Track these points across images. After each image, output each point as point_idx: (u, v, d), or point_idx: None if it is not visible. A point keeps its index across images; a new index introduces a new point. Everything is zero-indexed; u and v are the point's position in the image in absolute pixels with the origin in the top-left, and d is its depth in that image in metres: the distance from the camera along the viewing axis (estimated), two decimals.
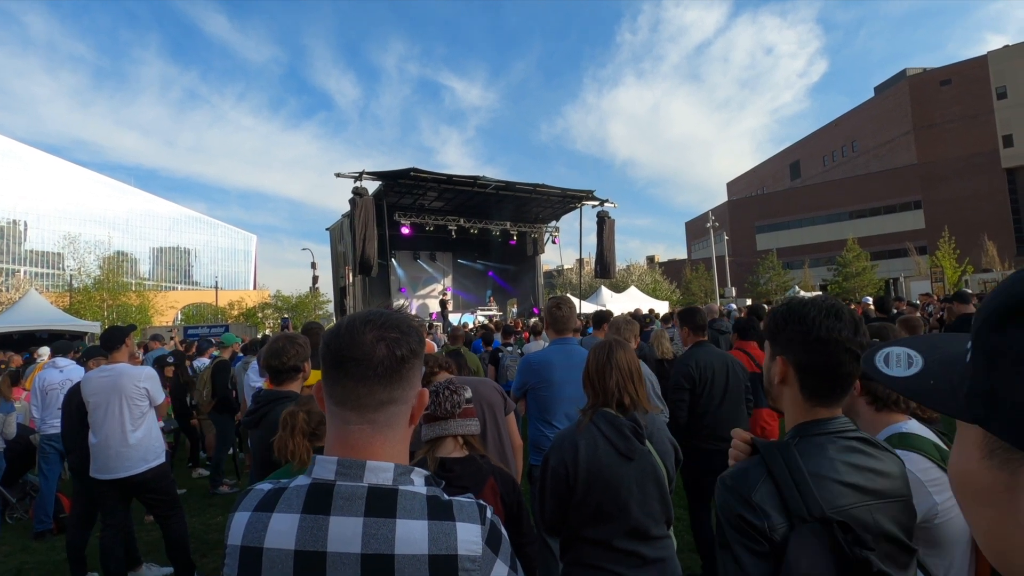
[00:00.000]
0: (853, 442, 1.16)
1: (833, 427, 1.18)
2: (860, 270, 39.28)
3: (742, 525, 1.07)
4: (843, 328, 1.17)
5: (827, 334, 1.17)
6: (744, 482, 1.11)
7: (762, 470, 1.11)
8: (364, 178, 16.73)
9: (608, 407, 2.09)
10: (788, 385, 1.23)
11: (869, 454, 1.16)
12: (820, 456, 1.12)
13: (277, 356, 2.74)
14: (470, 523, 0.91)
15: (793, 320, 1.22)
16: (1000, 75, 46.55)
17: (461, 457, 1.92)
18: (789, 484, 1.07)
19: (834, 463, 1.11)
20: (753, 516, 1.06)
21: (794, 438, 1.18)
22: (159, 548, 4.46)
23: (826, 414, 1.20)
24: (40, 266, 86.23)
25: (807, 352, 1.19)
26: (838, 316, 1.18)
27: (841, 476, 1.10)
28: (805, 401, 1.21)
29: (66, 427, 4.35)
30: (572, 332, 3.68)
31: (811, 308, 1.21)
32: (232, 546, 0.91)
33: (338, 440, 0.94)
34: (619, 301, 23.33)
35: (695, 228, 64.09)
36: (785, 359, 1.23)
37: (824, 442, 1.15)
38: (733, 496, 1.11)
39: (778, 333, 1.25)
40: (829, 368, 1.18)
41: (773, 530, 1.05)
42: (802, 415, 1.21)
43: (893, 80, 55.08)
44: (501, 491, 1.85)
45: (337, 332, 0.97)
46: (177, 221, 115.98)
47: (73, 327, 17.34)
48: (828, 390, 1.19)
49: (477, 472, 1.86)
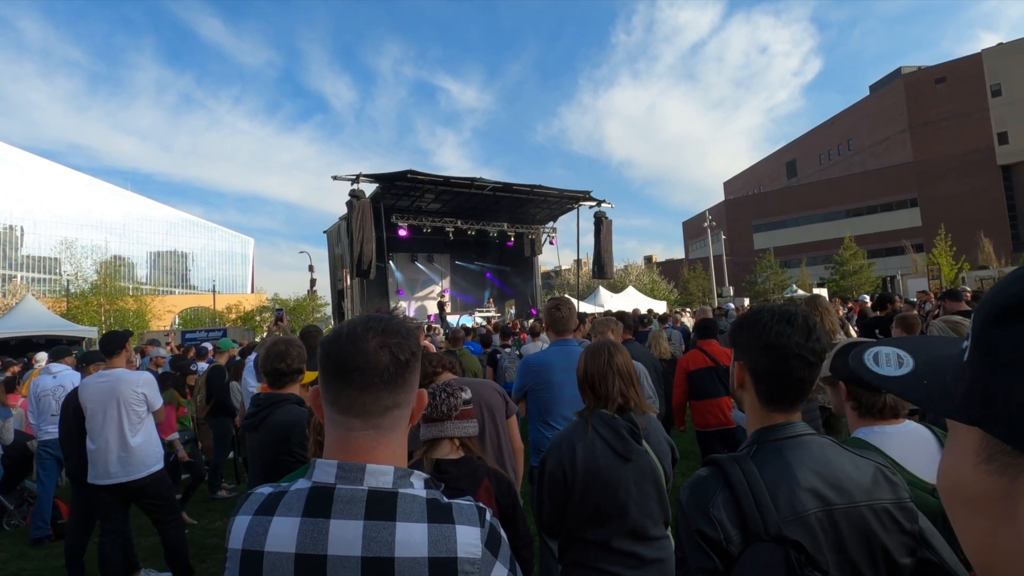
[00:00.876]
0: (812, 446, 1.15)
1: (790, 432, 1.17)
2: (857, 268, 39.41)
3: (697, 540, 1.07)
4: (793, 334, 1.17)
5: (776, 340, 1.17)
6: (703, 494, 1.11)
7: (720, 482, 1.11)
8: (361, 180, 16.70)
9: (607, 410, 2.09)
10: (746, 390, 1.24)
11: (829, 458, 1.14)
12: (777, 462, 1.12)
13: (281, 359, 2.73)
14: (470, 526, 0.91)
15: (748, 325, 1.23)
16: (995, 73, 46.76)
17: (457, 459, 1.92)
18: (748, 499, 1.06)
19: (792, 467, 1.11)
20: (710, 529, 1.06)
21: (752, 445, 1.18)
22: (158, 553, 4.44)
23: (782, 419, 1.19)
24: (37, 271, 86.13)
25: (760, 357, 1.20)
26: (790, 322, 1.18)
27: (800, 481, 1.09)
28: (762, 406, 1.21)
29: (64, 433, 4.33)
30: (572, 333, 3.69)
31: (765, 314, 1.22)
32: (233, 550, 0.91)
33: (340, 445, 0.94)
34: (617, 301, 23.36)
35: (692, 228, 64.19)
36: (742, 364, 1.24)
37: (782, 447, 1.15)
38: (692, 509, 1.11)
39: (736, 338, 1.26)
40: (780, 374, 1.18)
41: (729, 542, 1.05)
42: (759, 420, 1.22)
43: (888, 78, 55.31)
44: (496, 493, 1.85)
45: (338, 340, 0.96)
46: (174, 225, 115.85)
47: (70, 332, 17.27)
48: (781, 395, 1.19)
49: (472, 473, 1.86)
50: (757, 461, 1.13)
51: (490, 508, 1.73)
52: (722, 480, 1.11)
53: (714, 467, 1.15)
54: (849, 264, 39.68)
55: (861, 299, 15.57)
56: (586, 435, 2.03)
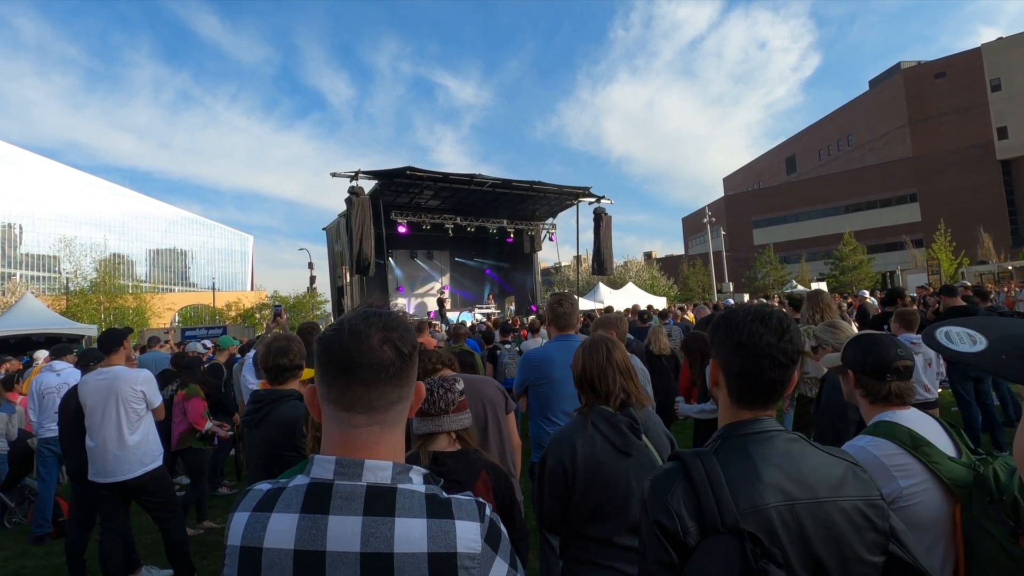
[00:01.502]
0: (777, 442, 1.15)
1: (757, 428, 1.17)
2: (857, 263, 39.48)
3: (655, 531, 1.08)
4: (766, 333, 1.17)
5: (748, 339, 1.17)
6: (663, 486, 1.12)
7: (681, 475, 1.12)
8: (360, 177, 16.67)
9: (609, 406, 2.09)
10: (720, 388, 1.25)
11: (794, 455, 1.14)
12: (741, 457, 1.13)
13: (284, 354, 2.72)
14: (469, 521, 0.91)
15: (723, 324, 1.24)
16: (994, 67, 46.67)
17: (454, 451, 1.92)
18: (706, 492, 1.07)
19: (755, 463, 1.11)
20: (668, 520, 1.07)
21: (717, 440, 1.19)
22: (159, 551, 4.45)
23: (750, 416, 1.20)
24: (36, 269, 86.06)
25: (732, 356, 1.21)
26: (763, 322, 1.18)
27: (762, 475, 1.09)
28: (732, 404, 1.22)
29: (63, 431, 4.33)
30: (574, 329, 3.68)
31: (740, 313, 1.23)
32: (232, 546, 0.91)
33: (343, 442, 0.93)
34: (617, 297, 23.37)
35: (692, 224, 64.18)
36: (716, 362, 1.25)
37: (746, 443, 1.15)
38: (652, 500, 1.12)
39: (713, 336, 1.27)
40: (750, 373, 1.18)
41: (687, 534, 1.05)
42: (729, 416, 1.23)
43: (888, 73, 55.20)
44: (493, 485, 1.85)
45: (339, 336, 0.95)
46: (173, 223, 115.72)
47: (70, 330, 17.29)
48: (752, 394, 1.20)
49: (470, 466, 1.86)
50: (720, 456, 1.14)
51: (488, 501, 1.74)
52: (682, 474, 1.12)
53: (676, 460, 1.16)
54: (849, 260, 39.74)
55: (860, 294, 15.58)
56: (586, 431, 2.03)
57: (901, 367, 1.73)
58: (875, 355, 1.76)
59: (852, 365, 1.82)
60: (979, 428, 5.92)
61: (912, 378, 1.78)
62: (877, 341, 1.81)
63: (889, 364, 1.73)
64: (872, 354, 1.77)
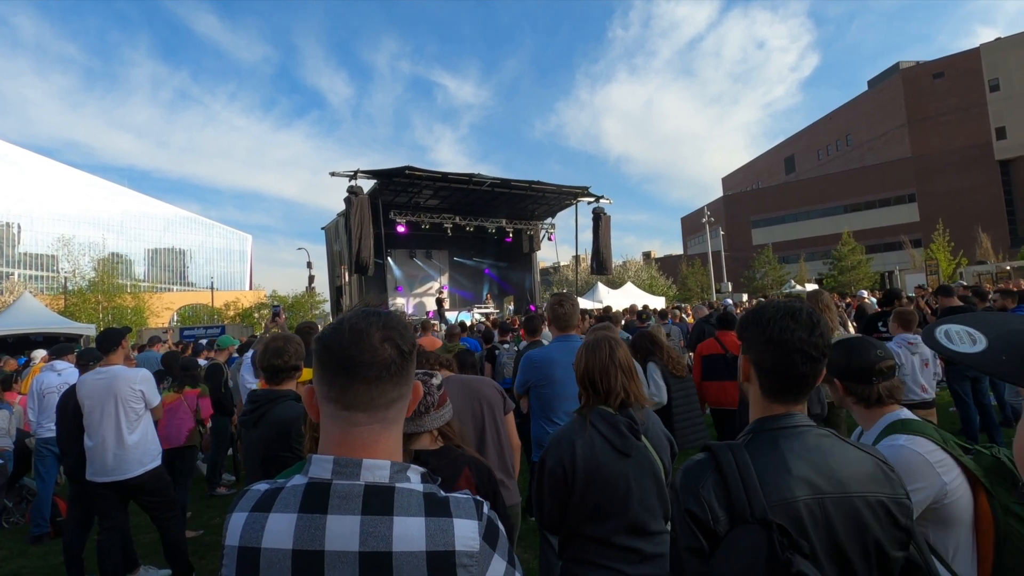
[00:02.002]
0: (808, 437, 1.17)
1: (788, 422, 1.19)
2: (855, 263, 39.48)
3: (686, 519, 1.11)
4: (797, 329, 1.19)
5: (780, 335, 1.19)
6: (695, 477, 1.15)
7: (712, 466, 1.14)
8: (359, 177, 16.64)
9: (608, 405, 2.09)
10: (751, 383, 1.27)
11: (824, 449, 1.16)
12: (772, 450, 1.15)
13: (279, 355, 2.72)
14: (467, 519, 0.91)
15: (753, 320, 1.26)
16: (993, 67, 46.71)
17: (436, 449, 1.90)
18: (736, 483, 1.09)
19: (785, 457, 1.13)
20: (699, 509, 1.10)
21: (748, 434, 1.21)
22: (157, 550, 4.44)
23: (782, 410, 1.22)
24: (34, 269, 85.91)
25: (764, 352, 1.22)
26: (794, 317, 1.20)
27: (791, 468, 1.11)
28: (764, 398, 1.24)
29: (62, 430, 4.32)
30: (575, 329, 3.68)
31: (770, 309, 1.24)
32: (230, 547, 0.91)
33: (343, 441, 0.93)
34: (616, 297, 23.36)
35: (690, 223, 64.17)
36: (748, 358, 1.27)
37: (777, 437, 1.17)
38: (683, 490, 1.15)
39: (743, 333, 1.29)
40: (782, 368, 1.20)
41: (717, 522, 1.08)
42: (760, 411, 1.25)
43: (886, 73, 55.22)
44: (476, 481, 1.84)
45: (339, 335, 0.95)
46: (172, 222, 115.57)
47: (68, 330, 17.25)
48: (784, 389, 1.22)
49: (452, 463, 1.84)
50: (751, 449, 1.16)
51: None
52: (714, 465, 1.14)
53: (708, 452, 1.19)
54: (847, 259, 39.74)
55: (859, 294, 15.59)
56: (585, 432, 2.03)
57: (884, 368, 1.73)
58: (857, 360, 1.76)
59: (835, 372, 1.80)
60: (977, 428, 5.94)
61: (896, 375, 1.78)
62: (856, 346, 1.81)
63: (872, 367, 1.73)
64: (854, 359, 1.76)
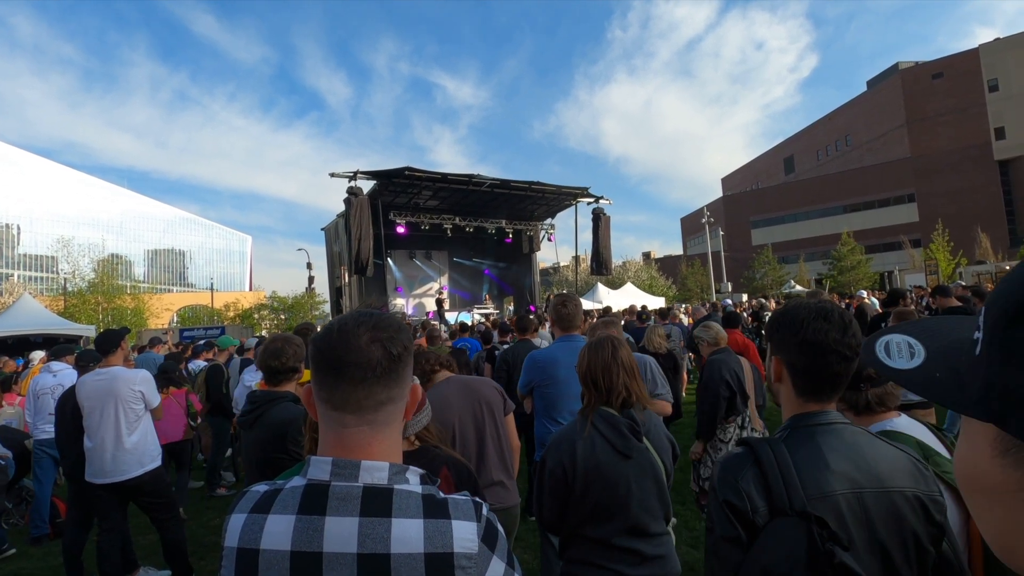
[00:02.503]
0: (845, 434, 1.19)
1: (824, 419, 1.21)
2: (855, 264, 39.49)
3: (724, 510, 1.12)
4: (830, 330, 1.20)
5: (814, 336, 1.21)
6: (734, 469, 1.16)
7: (750, 460, 1.16)
8: (359, 177, 16.64)
9: (611, 405, 2.08)
10: (783, 383, 1.28)
11: (861, 445, 1.18)
12: (809, 444, 1.17)
13: (276, 356, 2.73)
14: (466, 521, 0.91)
15: (785, 323, 1.27)
16: (991, 68, 46.75)
17: (413, 450, 1.90)
18: (776, 476, 1.11)
19: (822, 451, 1.15)
20: (737, 500, 1.11)
21: (785, 430, 1.23)
22: (157, 551, 4.44)
23: (817, 408, 1.24)
24: (34, 270, 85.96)
25: (797, 353, 1.24)
26: (827, 319, 1.22)
27: (829, 463, 1.13)
28: (798, 397, 1.26)
29: (60, 432, 4.31)
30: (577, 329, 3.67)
31: (802, 311, 1.25)
32: (229, 548, 0.91)
33: (336, 442, 0.94)
34: (615, 297, 23.36)
35: (690, 224, 64.19)
36: (780, 359, 1.28)
37: (814, 432, 1.19)
38: (721, 482, 1.16)
39: (773, 335, 1.30)
40: (817, 369, 1.22)
41: (756, 513, 1.10)
42: (795, 409, 1.26)
43: (886, 74, 55.28)
44: (455, 480, 1.83)
45: (329, 336, 0.96)
46: (171, 223, 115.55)
47: (68, 331, 17.25)
48: (819, 389, 1.24)
49: (430, 464, 1.83)
50: (789, 444, 1.17)
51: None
52: (752, 459, 1.16)
53: (746, 447, 1.20)
54: (847, 260, 39.75)
55: (859, 294, 15.59)
56: (585, 432, 2.03)
57: (872, 373, 1.68)
58: None
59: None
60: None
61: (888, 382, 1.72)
62: None
63: (859, 372, 1.65)
64: None
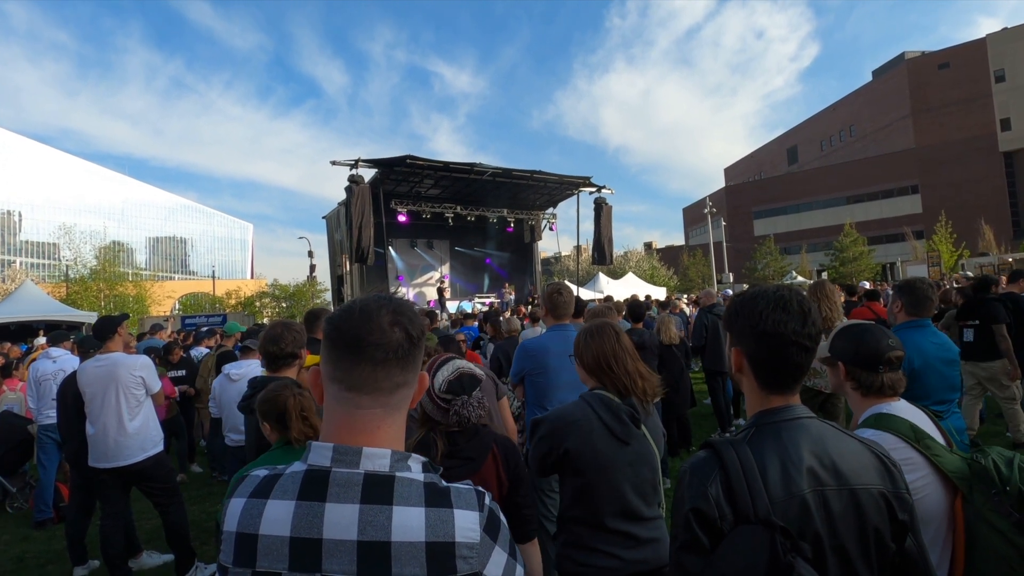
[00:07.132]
0: (811, 429, 1.16)
1: (789, 415, 1.17)
2: (857, 255, 39.38)
3: (690, 517, 1.09)
4: (789, 321, 1.16)
5: (773, 328, 1.16)
6: (701, 475, 1.12)
7: (716, 464, 1.12)
8: (360, 166, 16.57)
9: (624, 390, 2.08)
10: (744, 374, 1.25)
11: (826, 440, 1.14)
12: (775, 444, 1.13)
13: (275, 342, 2.74)
14: (468, 510, 0.90)
15: (743, 313, 1.22)
16: (998, 58, 46.32)
17: (462, 430, 1.92)
18: (740, 482, 1.08)
19: (788, 449, 1.11)
20: (706, 506, 1.08)
21: (751, 428, 1.19)
22: (159, 536, 4.48)
23: (781, 402, 1.20)
24: (35, 256, 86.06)
25: (756, 345, 1.20)
26: (785, 309, 1.17)
27: (796, 462, 1.10)
28: (760, 389, 1.22)
29: (62, 417, 4.33)
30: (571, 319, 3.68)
31: (759, 300, 1.20)
32: (228, 532, 0.90)
33: (344, 425, 0.93)
34: (617, 287, 23.35)
35: (692, 214, 64.01)
36: (739, 350, 1.24)
37: (780, 430, 1.15)
38: (688, 487, 1.13)
39: (732, 325, 1.26)
40: (777, 361, 1.18)
41: (723, 520, 1.06)
42: (758, 404, 1.22)
43: (891, 64, 54.81)
44: (503, 457, 1.87)
45: (350, 315, 0.95)
46: (173, 211, 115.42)
47: (70, 317, 17.30)
48: (779, 380, 1.20)
49: (480, 442, 1.87)
50: (754, 444, 1.14)
51: (498, 472, 1.74)
52: (718, 463, 1.12)
53: (711, 449, 1.16)
54: (849, 251, 39.65)
55: (861, 286, 15.55)
56: (584, 415, 2.03)
57: (893, 358, 1.68)
58: (866, 346, 1.70)
59: (842, 356, 1.75)
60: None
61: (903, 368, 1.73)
62: (867, 331, 1.74)
63: (881, 355, 1.67)
64: (864, 345, 1.70)
